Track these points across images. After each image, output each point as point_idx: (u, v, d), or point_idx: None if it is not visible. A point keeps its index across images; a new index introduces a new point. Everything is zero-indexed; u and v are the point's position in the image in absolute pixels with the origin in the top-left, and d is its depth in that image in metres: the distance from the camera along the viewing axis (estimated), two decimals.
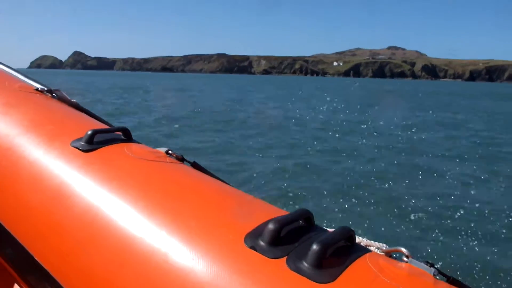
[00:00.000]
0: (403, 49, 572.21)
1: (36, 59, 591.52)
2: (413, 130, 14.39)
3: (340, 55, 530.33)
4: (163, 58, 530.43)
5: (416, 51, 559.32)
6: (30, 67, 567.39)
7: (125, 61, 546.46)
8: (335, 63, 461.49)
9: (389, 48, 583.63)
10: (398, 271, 0.73)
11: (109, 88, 43.66)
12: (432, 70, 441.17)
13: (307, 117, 18.43)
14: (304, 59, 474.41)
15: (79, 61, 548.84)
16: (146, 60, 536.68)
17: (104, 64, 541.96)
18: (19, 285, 1.15)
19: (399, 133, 14.08)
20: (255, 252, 0.75)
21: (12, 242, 1.05)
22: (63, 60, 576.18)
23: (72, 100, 1.53)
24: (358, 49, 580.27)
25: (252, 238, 0.78)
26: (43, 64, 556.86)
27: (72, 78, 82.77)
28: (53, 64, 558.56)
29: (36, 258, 0.98)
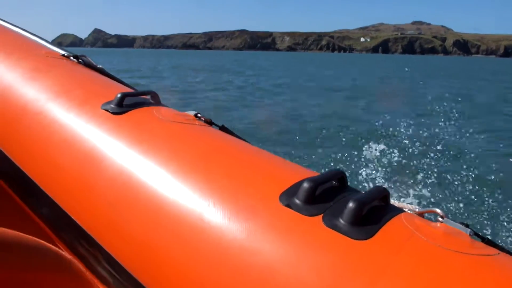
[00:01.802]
0: (429, 24, 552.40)
1: (57, 38, 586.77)
2: None
3: (363, 30, 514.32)
4: (183, 35, 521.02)
5: (443, 26, 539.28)
6: None
7: (145, 38, 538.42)
8: (362, 39, 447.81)
9: (414, 23, 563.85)
10: (434, 230, 0.73)
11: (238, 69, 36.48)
12: (464, 46, 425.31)
13: None
14: (330, 35, 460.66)
15: (99, 39, 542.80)
16: (166, 37, 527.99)
17: (124, 41, 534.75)
18: (55, 244, 1.15)
19: None
20: (291, 210, 0.76)
21: (48, 202, 1.07)
22: (83, 38, 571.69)
23: (98, 66, 1.54)
24: (382, 24, 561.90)
25: (287, 197, 0.79)
26: (64, 43, 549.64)
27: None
28: (74, 42, 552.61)
29: (72, 217, 1.00)
